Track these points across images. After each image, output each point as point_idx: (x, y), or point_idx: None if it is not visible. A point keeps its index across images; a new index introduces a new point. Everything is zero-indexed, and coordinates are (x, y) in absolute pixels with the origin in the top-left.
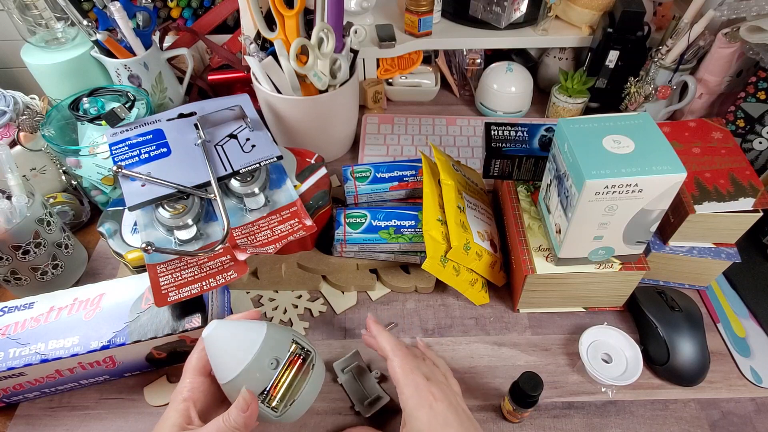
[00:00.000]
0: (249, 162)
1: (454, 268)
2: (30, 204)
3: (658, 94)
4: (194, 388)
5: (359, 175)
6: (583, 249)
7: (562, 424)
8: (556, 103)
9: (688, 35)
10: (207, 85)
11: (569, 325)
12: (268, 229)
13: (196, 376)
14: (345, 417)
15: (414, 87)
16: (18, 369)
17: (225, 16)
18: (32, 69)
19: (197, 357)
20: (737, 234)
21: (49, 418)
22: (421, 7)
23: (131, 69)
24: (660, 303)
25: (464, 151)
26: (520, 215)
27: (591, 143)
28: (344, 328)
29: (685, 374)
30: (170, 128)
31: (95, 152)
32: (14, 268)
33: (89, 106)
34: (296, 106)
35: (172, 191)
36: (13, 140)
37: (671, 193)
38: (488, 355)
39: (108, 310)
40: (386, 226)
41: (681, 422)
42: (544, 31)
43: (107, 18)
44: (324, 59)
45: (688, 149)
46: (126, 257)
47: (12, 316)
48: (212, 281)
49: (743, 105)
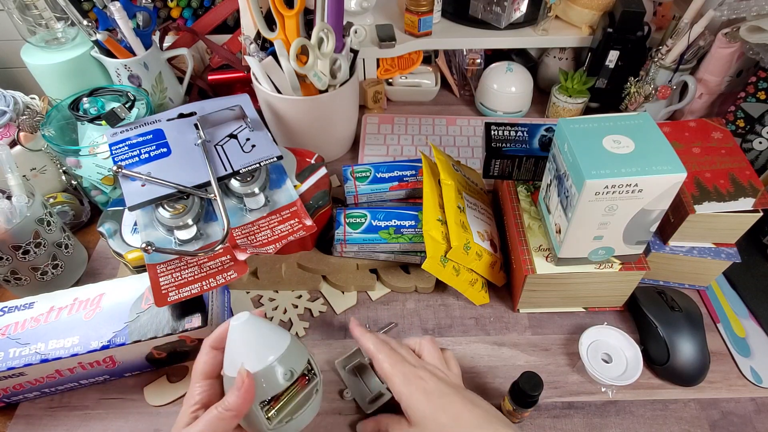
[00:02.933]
0: (249, 162)
1: (454, 268)
2: (30, 204)
3: (658, 94)
4: (204, 392)
5: (359, 175)
6: (583, 249)
7: (562, 424)
8: (556, 103)
9: (688, 35)
10: (207, 85)
11: (569, 325)
12: (268, 229)
13: (205, 380)
14: (346, 417)
15: (414, 87)
16: (18, 369)
17: (225, 16)
18: (32, 69)
19: (204, 361)
20: (737, 234)
21: (49, 418)
22: (421, 7)
23: (131, 69)
24: (660, 303)
25: (464, 151)
26: (520, 215)
27: (591, 143)
28: (344, 328)
29: (685, 374)
30: (170, 128)
31: (95, 152)
32: (14, 268)
33: (89, 106)
34: (296, 106)
35: (172, 191)
36: (13, 140)
37: (671, 193)
38: (488, 355)
39: (108, 310)
40: (386, 226)
41: (681, 422)
42: (544, 31)
43: (107, 18)
44: (324, 59)
45: (688, 149)
46: (126, 257)
47: (12, 316)
48: (212, 281)
49: (743, 105)
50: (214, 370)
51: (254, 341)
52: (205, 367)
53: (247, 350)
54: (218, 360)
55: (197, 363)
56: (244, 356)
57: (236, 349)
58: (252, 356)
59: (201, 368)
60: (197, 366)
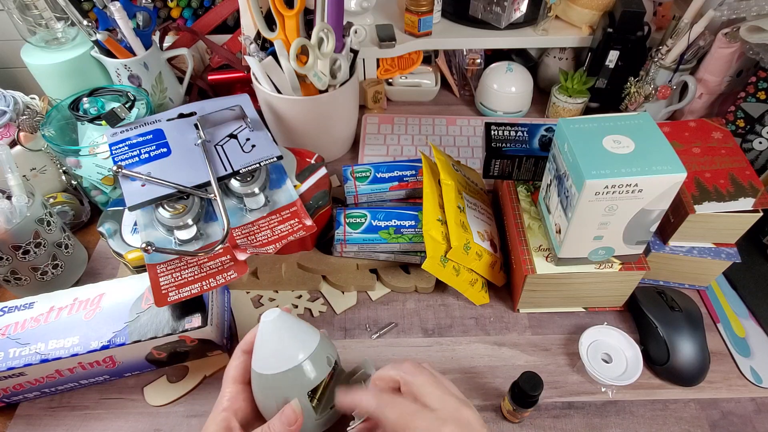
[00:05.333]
0: (249, 162)
1: (454, 268)
2: (30, 204)
3: (658, 94)
4: (234, 398)
5: (359, 175)
6: (583, 249)
7: (562, 424)
8: (556, 103)
9: (688, 35)
10: (207, 85)
11: (569, 325)
12: (268, 229)
13: (235, 385)
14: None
15: (414, 87)
16: (18, 369)
17: (225, 16)
18: (32, 69)
19: (235, 365)
20: (737, 234)
21: (49, 418)
22: (421, 7)
23: (131, 69)
24: (660, 303)
25: (464, 151)
26: (520, 215)
27: (591, 143)
28: (344, 328)
29: (685, 374)
30: (170, 128)
31: (95, 152)
32: (14, 268)
33: (89, 106)
34: (296, 106)
35: (172, 191)
36: (13, 140)
37: (671, 193)
38: (488, 355)
39: (108, 310)
40: (386, 226)
41: (681, 422)
42: (544, 31)
43: (107, 18)
44: (324, 59)
45: (688, 149)
46: (126, 257)
47: (12, 316)
48: (212, 281)
49: (743, 105)
50: (245, 375)
51: (288, 336)
52: (236, 372)
53: (283, 346)
54: (248, 365)
55: (229, 368)
56: (277, 353)
57: (271, 345)
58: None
59: (232, 373)
60: (229, 370)
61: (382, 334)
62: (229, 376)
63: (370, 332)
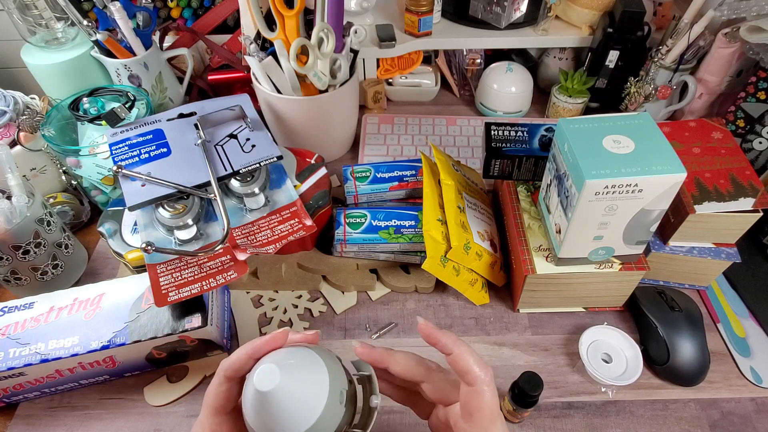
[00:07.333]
0: (249, 162)
1: (454, 268)
2: (30, 204)
3: (658, 94)
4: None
5: (359, 175)
6: (583, 249)
7: (562, 424)
8: (556, 103)
9: (688, 35)
10: (207, 85)
11: (569, 325)
12: (268, 229)
13: (217, 416)
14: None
15: (414, 87)
16: (18, 369)
17: (225, 16)
18: (32, 69)
19: (215, 393)
20: (737, 234)
21: (49, 418)
22: (421, 7)
23: (131, 69)
24: (660, 303)
25: (464, 151)
26: (520, 215)
27: (591, 143)
28: (344, 328)
29: (685, 374)
30: (170, 128)
31: (95, 152)
32: (14, 268)
33: (89, 106)
34: (296, 106)
35: (172, 191)
36: (13, 140)
37: (671, 193)
38: (488, 355)
39: (108, 310)
40: (386, 226)
41: (681, 422)
42: (544, 31)
43: (107, 18)
44: (324, 59)
45: (688, 149)
46: (126, 257)
47: (12, 316)
48: (212, 281)
49: (743, 105)
50: (227, 405)
51: (298, 394)
52: (217, 401)
53: (293, 409)
54: (233, 394)
55: (209, 393)
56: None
57: (280, 414)
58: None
59: (212, 401)
60: (209, 397)
61: (382, 334)
62: (209, 404)
63: (370, 332)
